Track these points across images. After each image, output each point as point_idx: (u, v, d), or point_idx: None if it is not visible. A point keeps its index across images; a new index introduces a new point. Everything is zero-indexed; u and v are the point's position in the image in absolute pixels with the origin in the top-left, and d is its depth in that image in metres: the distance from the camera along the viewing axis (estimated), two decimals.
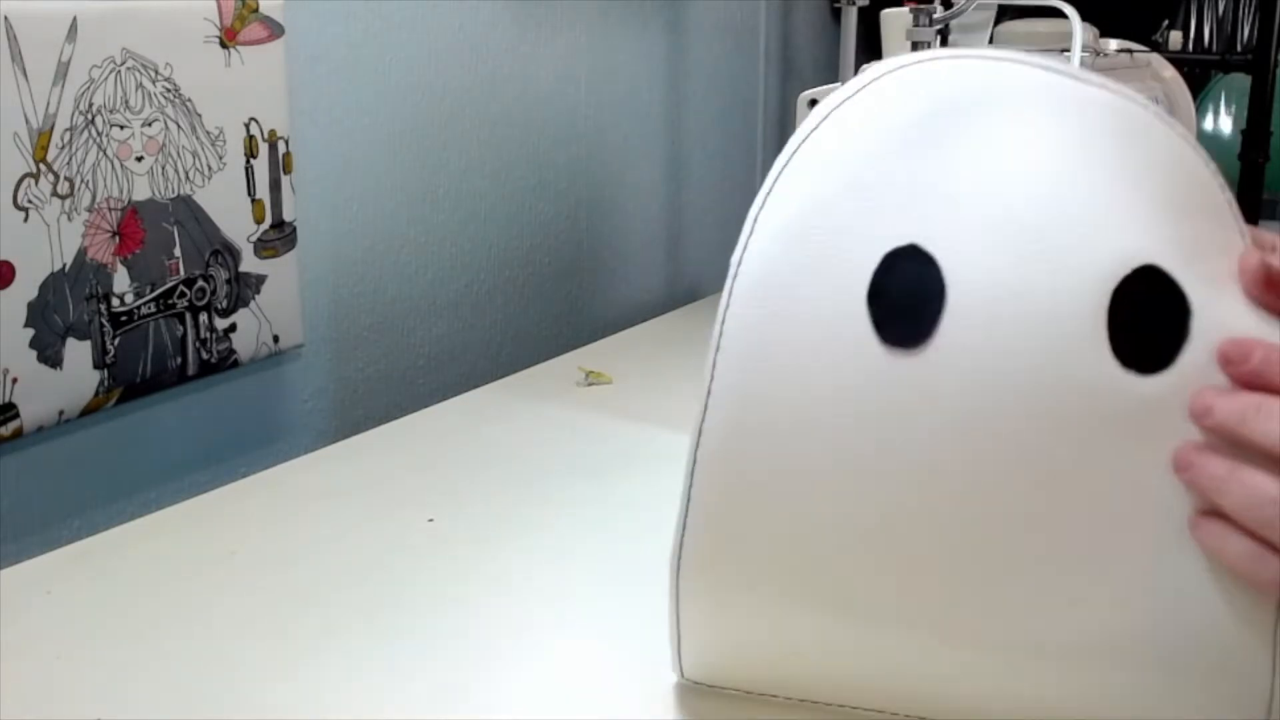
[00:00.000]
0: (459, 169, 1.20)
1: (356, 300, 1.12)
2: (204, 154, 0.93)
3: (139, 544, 0.75)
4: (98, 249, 0.86)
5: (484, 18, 1.20)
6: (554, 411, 0.98)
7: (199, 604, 0.68)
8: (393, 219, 1.14)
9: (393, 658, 0.62)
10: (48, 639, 0.64)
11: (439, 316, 1.21)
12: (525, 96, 1.26)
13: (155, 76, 0.88)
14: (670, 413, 0.98)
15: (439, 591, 0.69)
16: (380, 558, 0.73)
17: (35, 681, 0.60)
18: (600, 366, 1.07)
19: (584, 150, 1.36)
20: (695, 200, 1.58)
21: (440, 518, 0.79)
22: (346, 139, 1.08)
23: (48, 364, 0.84)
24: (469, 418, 0.98)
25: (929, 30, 0.81)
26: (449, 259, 1.21)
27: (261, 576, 0.71)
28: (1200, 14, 1.97)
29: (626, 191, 1.45)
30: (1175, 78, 1.21)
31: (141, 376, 0.91)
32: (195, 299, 0.94)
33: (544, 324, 1.35)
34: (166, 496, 0.91)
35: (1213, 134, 1.89)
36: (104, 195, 0.86)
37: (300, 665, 0.62)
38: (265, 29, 0.96)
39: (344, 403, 1.12)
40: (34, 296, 0.82)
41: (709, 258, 1.63)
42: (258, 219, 0.98)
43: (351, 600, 0.68)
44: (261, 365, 1.02)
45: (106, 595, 0.69)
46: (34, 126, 0.81)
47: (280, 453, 1.03)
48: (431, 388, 1.19)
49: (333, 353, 1.10)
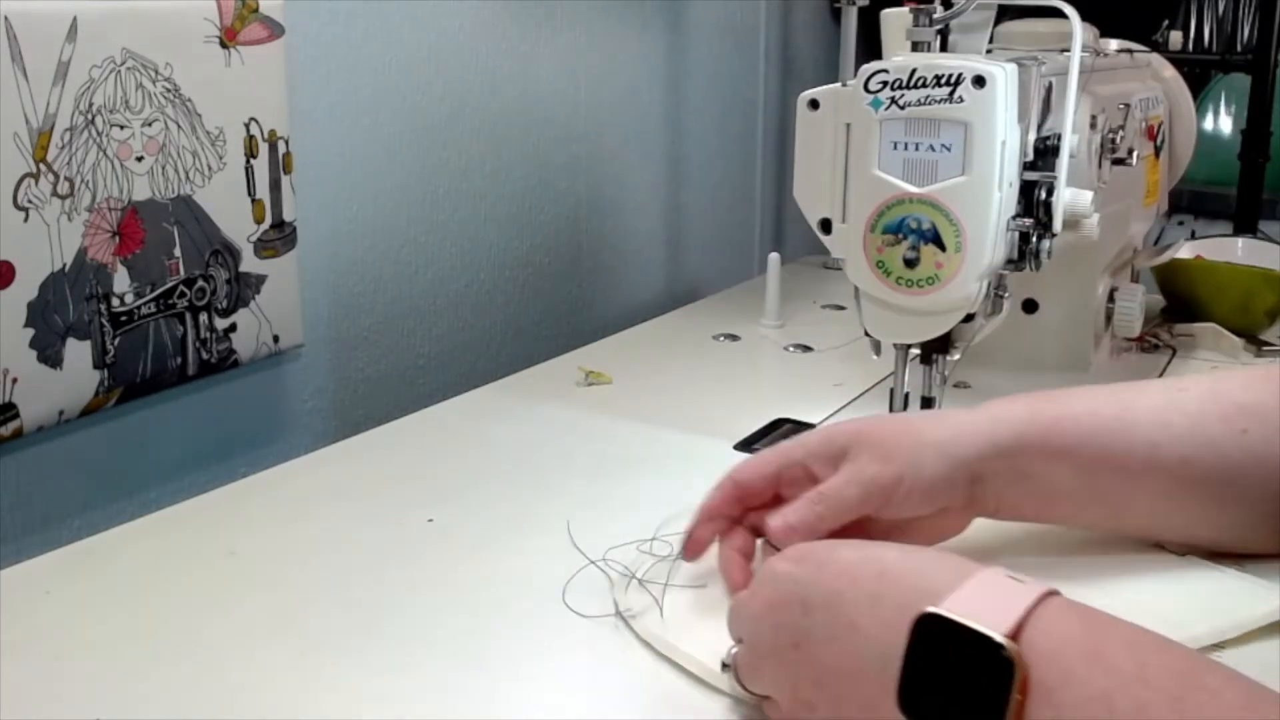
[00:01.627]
0: (459, 169, 1.20)
1: (356, 300, 1.12)
2: (204, 154, 0.93)
3: (139, 544, 0.75)
4: (98, 249, 0.86)
5: (484, 18, 1.20)
6: (554, 411, 0.98)
7: (199, 604, 0.68)
8: (393, 219, 1.14)
9: (392, 657, 0.62)
10: (48, 639, 0.64)
11: (439, 316, 1.21)
12: (525, 96, 1.26)
13: (155, 76, 0.88)
14: (670, 413, 0.98)
15: (439, 591, 0.69)
16: (380, 558, 0.73)
17: (35, 681, 0.60)
18: (600, 366, 1.07)
19: (584, 150, 1.36)
20: (695, 200, 1.58)
21: (440, 518, 0.78)
22: (346, 139, 1.08)
23: (48, 364, 0.84)
24: (469, 418, 0.98)
25: (929, 30, 0.81)
26: (449, 259, 1.21)
27: (261, 576, 0.71)
28: (1200, 14, 1.97)
29: (626, 191, 1.45)
30: (1175, 78, 1.21)
31: (141, 376, 0.91)
32: (195, 299, 0.94)
33: (544, 324, 1.35)
34: (166, 496, 0.91)
35: (1213, 134, 1.89)
36: (104, 195, 0.86)
37: (300, 665, 0.61)
38: (265, 29, 0.96)
39: (344, 403, 1.12)
40: (34, 296, 0.82)
41: (709, 258, 1.63)
42: (258, 219, 0.98)
43: (351, 600, 0.68)
44: (261, 365, 1.02)
45: (106, 595, 0.69)
46: (34, 126, 0.81)
47: (280, 453, 1.03)
48: (431, 388, 1.19)
49: (333, 353, 1.10)
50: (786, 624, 0.53)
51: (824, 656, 0.51)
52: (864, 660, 0.49)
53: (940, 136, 0.77)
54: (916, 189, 0.78)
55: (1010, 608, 0.46)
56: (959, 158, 0.77)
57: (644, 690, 0.59)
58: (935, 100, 0.77)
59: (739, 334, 1.21)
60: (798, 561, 0.55)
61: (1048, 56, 0.86)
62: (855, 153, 0.80)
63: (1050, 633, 0.45)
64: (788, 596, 0.53)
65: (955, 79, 0.76)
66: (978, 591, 0.48)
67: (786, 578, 0.54)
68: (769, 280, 1.24)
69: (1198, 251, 1.26)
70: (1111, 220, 0.95)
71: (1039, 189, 0.80)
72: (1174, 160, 1.22)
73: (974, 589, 0.48)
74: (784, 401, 0.99)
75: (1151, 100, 1.11)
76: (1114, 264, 1.08)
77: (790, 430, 0.94)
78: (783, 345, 1.18)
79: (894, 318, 0.82)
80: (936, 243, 0.78)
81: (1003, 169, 0.77)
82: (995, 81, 0.75)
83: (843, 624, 0.51)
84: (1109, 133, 0.93)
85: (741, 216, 1.70)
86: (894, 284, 0.80)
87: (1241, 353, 1.13)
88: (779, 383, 1.11)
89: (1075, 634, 0.45)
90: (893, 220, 0.79)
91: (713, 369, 1.12)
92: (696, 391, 1.04)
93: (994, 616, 0.45)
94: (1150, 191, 1.13)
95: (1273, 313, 1.19)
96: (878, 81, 0.78)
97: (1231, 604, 0.64)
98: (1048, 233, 0.80)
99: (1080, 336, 1.06)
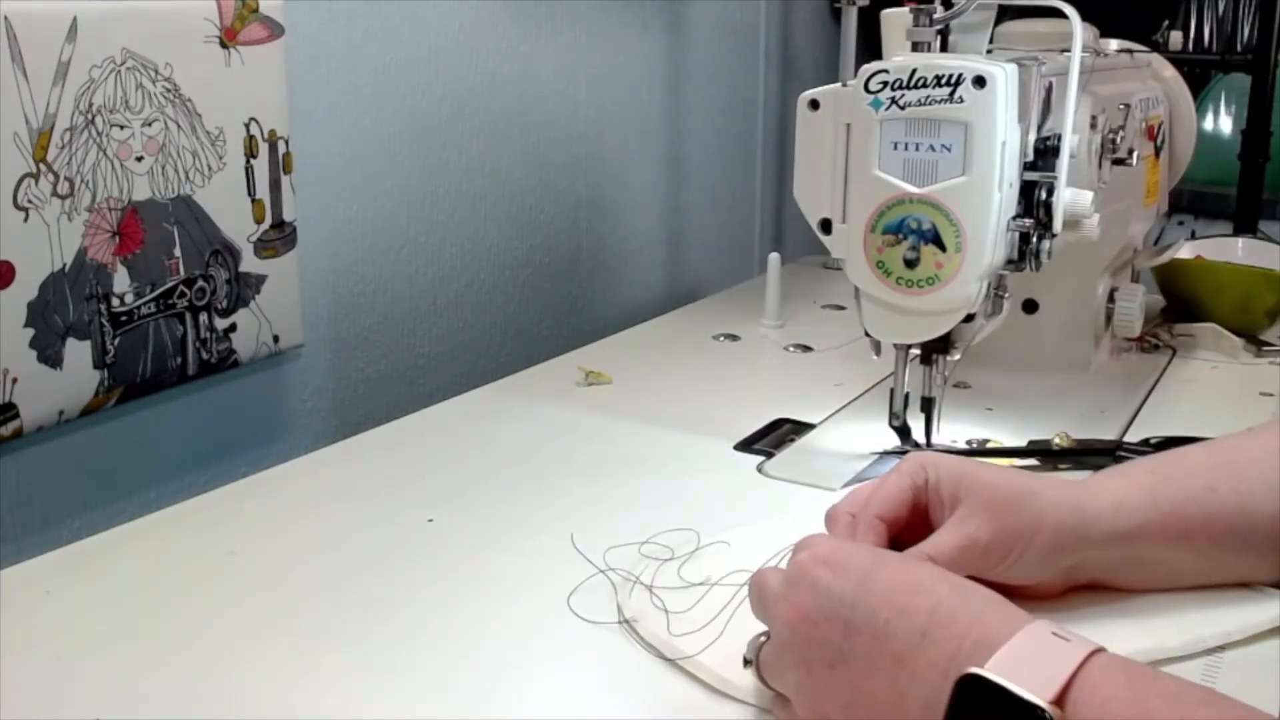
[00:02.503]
0: (459, 169, 1.20)
1: (356, 300, 1.12)
2: (204, 154, 0.92)
3: (139, 544, 0.75)
4: (98, 249, 0.86)
5: (484, 18, 1.19)
6: (554, 411, 0.98)
7: (199, 604, 0.68)
8: (393, 219, 1.14)
9: (392, 657, 0.62)
10: (48, 639, 0.64)
11: (439, 316, 1.21)
12: (525, 96, 1.26)
13: (155, 76, 0.88)
14: (670, 413, 0.98)
15: (439, 591, 0.69)
16: (380, 558, 0.73)
17: (35, 681, 0.60)
18: (600, 366, 1.07)
19: (584, 150, 1.36)
20: (695, 200, 1.58)
21: (440, 518, 0.78)
22: (346, 139, 1.08)
23: (48, 364, 0.84)
24: (469, 418, 0.98)
25: (929, 30, 0.81)
26: (449, 259, 1.21)
27: (261, 576, 0.71)
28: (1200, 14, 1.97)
29: (626, 191, 1.45)
30: (1175, 78, 1.21)
31: (141, 376, 0.91)
32: (195, 299, 0.94)
33: (544, 324, 1.35)
34: (166, 496, 0.91)
35: (1213, 134, 1.89)
36: (104, 195, 0.86)
37: (300, 665, 0.61)
38: (265, 29, 0.96)
39: (344, 403, 1.12)
40: (34, 296, 0.82)
41: (709, 258, 1.63)
42: (258, 219, 0.98)
43: (351, 600, 0.68)
44: (261, 365, 1.02)
45: (106, 595, 0.69)
46: (34, 126, 0.81)
47: (280, 453, 1.03)
48: (431, 388, 1.19)
49: (333, 353, 1.10)
50: (824, 641, 0.52)
51: (861, 683, 0.51)
52: (906, 696, 0.49)
53: (940, 137, 0.77)
54: (916, 189, 0.78)
55: (1056, 671, 0.46)
56: (959, 158, 0.77)
57: (644, 690, 0.59)
58: (935, 100, 0.77)
59: (739, 334, 1.21)
60: (837, 571, 0.53)
61: (1048, 56, 0.86)
62: (855, 153, 0.80)
63: (1095, 693, 0.45)
64: (828, 614, 0.52)
65: (955, 79, 0.76)
66: (1024, 650, 0.47)
67: (826, 591, 0.53)
68: (769, 280, 1.24)
69: (1198, 251, 1.26)
70: (1111, 220, 0.95)
71: (1039, 189, 0.80)
72: (1174, 160, 1.22)
73: (1020, 647, 0.47)
74: (784, 401, 0.99)
75: (1151, 100, 1.11)
76: (1114, 264, 1.08)
77: (790, 430, 0.94)
78: (783, 345, 1.18)
79: (894, 318, 0.82)
80: (936, 243, 0.78)
81: (1003, 169, 0.77)
82: (995, 82, 0.75)
83: (888, 656, 0.50)
84: (1109, 133, 0.93)
85: (741, 216, 1.70)
86: (894, 284, 0.80)
87: (1241, 353, 1.13)
88: (779, 383, 1.11)
89: (1121, 694, 0.45)
90: (893, 220, 0.79)
91: (713, 369, 1.12)
92: (696, 391, 1.04)
93: (1039, 679, 0.45)
94: (1150, 191, 1.13)
95: (1273, 313, 1.19)
96: (878, 81, 0.78)
97: (1237, 609, 0.64)
98: (1048, 233, 0.80)
99: (1080, 336, 1.06)
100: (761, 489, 0.84)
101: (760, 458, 0.89)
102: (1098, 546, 0.63)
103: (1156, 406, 1.01)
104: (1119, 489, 0.64)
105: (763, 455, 0.89)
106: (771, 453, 0.90)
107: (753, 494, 0.83)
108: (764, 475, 0.86)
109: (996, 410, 0.98)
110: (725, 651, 0.60)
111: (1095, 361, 1.07)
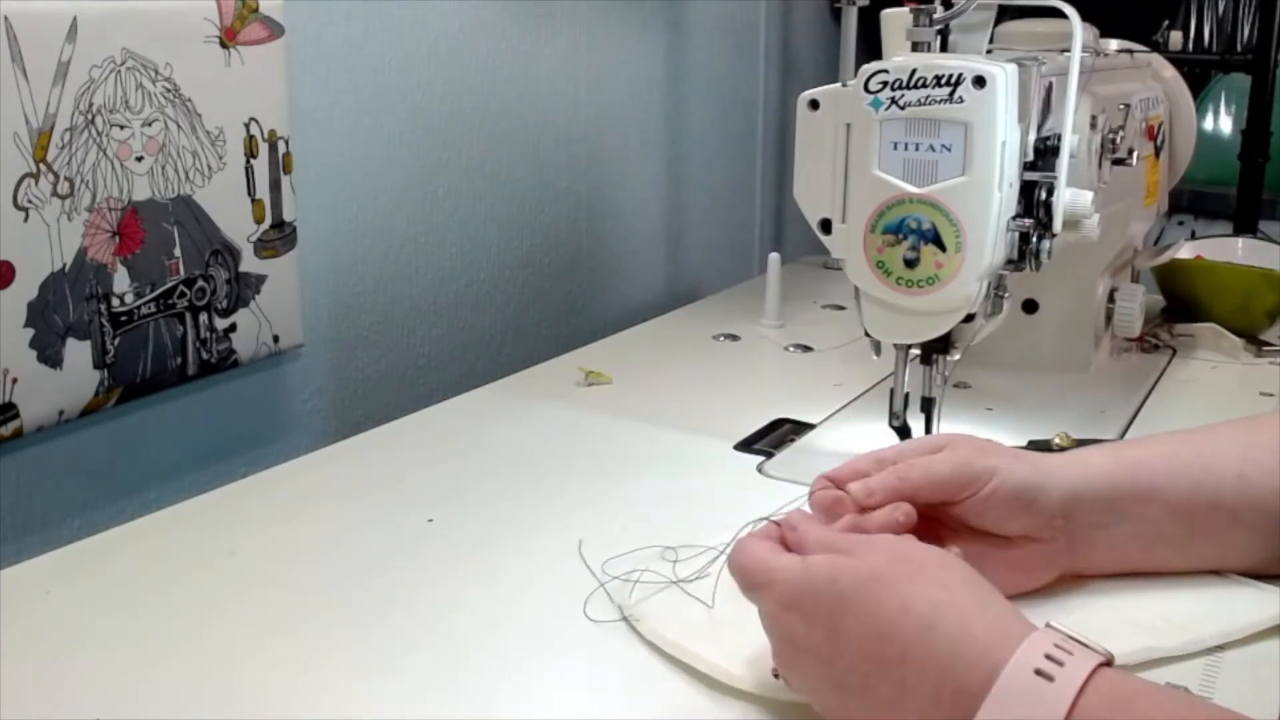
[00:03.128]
0: (459, 169, 1.20)
1: (356, 300, 1.12)
2: (204, 154, 0.93)
3: (139, 544, 0.75)
4: (98, 249, 0.86)
5: (484, 18, 1.19)
6: (554, 411, 0.98)
7: (199, 604, 0.68)
8: (393, 219, 1.14)
9: (392, 657, 0.62)
10: (48, 639, 0.64)
11: (439, 316, 1.21)
12: (525, 96, 1.26)
13: (155, 76, 0.88)
14: (670, 413, 0.98)
15: (439, 591, 0.69)
16: (380, 558, 0.73)
17: (35, 681, 0.60)
18: (600, 366, 1.07)
19: (584, 150, 1.36)
20: (695, 200, 1.58)
21: (440, 518, 0.78)
22: (346, 139, 1.08)
23: (48, 364, 0.84)
24: (469, 418, 0.98)
25: (929, 30, 0.81)
26: (449, 259, 1.21)
27: (261, 576, 0.71)
28: (1200, 14, 1.97)
29: (626, 191, 1.45)
30: (1175, 78, 1.21)
31: (141, 376, 0.91)
32: (195, 299, 0.94)
33: (544, 324, 1.35)
34: (166, 496, 0.91)
35: (1213, 134, 1.89)
36: (104, 195, 0.86)
37: (300, 665, 0.61)
38: (265, 29, 0.96)
39: (344, 403, 1.12)
40: (34, 296, 0.82)
41: (709, 258, 1.63)
42: (258, 219, 0.98)
43: (351, 600, 0.68)
44: (261, 365, 1.02)
45: (106, 595, 0.69)
46: (34, 126, 0.81)
47: (280, 453, 1.03)
48: (431, 388, 1.19)
49: (333, 353, 1.10)
50: (822, 677, 0.53)
51: (869, 710, 0.52)
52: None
53: (940, 137, 0.77)
54: (916, 189, 0.78)
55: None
56: (959, 158, 0.76)
57: (645, 689, 0.59)
58: (935, 100, 0.77)
59: (739, 334, 1.21)
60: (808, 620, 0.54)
61: (1048, 56, 0.86)
62: (855, 153, 0.80)
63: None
64: (815, 665, 0.54)
65: (955, 79, 0.76)
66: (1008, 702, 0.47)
67: (805, 648, 0.54)
68: (769, 280, 1.24)
69: (1198, 251, 1.26)
70: (1111, 220, 0.95)
71: (1039, 189, 0.80)
72: (1174, 160, 1.22)
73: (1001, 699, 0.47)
74: (784, 401, 0.99)
75: (1151, 100, 1.11)
76: (1114, 264, 1.08)
77: (790, 430, 0.94)
78: (783, 345, 1.18)
79: (894, 318, 0.82)
80: (936, 243, 0.78)
81: (1003, 169, 0.77)
82: (995, 82, 0.75)
83: (879, 702, 0.51)
84: (1109, 133, 0.93)
85: (741, 216, 1.70)
86: (894, 284, 0.80)
87: (1241, 353, 1.13)
88: (779, 383, 1.11)
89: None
90: (893, 220, 0.79)
91: (713, 369, 1.12)
92: (696, 391, 1.04)
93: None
94: (1150, 191, 1.13)
95: (1273, 313, 1.19)
96: (878, 81, 0.78)
97: (1237, 608, 0.64)
98: (1048, 233, 0.80)
99: (1080, 336, 1.06)
100: (761, 489, 0.84)
101: (760, 458, 0.89)
102: (1074, 495, 0.64)
103: (1156, 406, 1.01)
104: (1082, 453, 0.68)
105: (763, 455, 0.89)
106: (771, 453, 0.90)
107: (752, 494, 0.83)
108: (764, 475, 0.86)
109: (996, 410, 0.98)
110: (725, 647, 0.60)
111: (1095, 361, 1.07)
